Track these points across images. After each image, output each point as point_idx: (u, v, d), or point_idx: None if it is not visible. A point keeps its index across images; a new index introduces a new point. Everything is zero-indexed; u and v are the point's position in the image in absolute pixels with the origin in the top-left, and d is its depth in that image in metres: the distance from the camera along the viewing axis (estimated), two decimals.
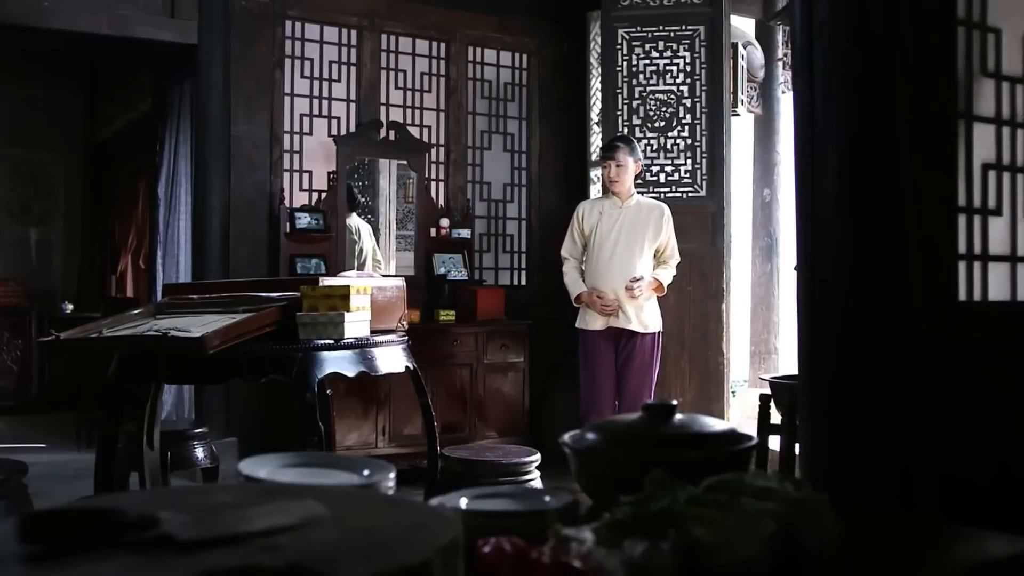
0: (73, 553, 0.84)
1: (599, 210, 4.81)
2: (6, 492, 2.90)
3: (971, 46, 2.03)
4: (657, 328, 4.72)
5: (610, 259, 4.69)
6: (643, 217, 4.75)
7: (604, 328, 4.66)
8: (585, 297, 4.70)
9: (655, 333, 4.71)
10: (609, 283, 4.65)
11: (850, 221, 1.98)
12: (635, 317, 4.63)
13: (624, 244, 4.70)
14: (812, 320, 2.07)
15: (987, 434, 1.95)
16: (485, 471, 3.40)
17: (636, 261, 4.68)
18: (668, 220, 4.79)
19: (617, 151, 4.73)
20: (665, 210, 4.81)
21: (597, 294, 4.65)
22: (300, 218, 5.55)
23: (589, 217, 4.81)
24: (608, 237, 4.72)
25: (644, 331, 4.65)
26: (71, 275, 9.30)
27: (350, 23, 5.92)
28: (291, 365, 2.91)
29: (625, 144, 4.79)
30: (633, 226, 4.73)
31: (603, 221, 4.75)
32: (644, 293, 4.62)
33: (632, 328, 4.63)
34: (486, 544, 0.97)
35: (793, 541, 1.06)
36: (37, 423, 7.26)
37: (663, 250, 4.79)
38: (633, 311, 4.63)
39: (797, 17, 2.10)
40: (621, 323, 4.63)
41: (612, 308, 4.62)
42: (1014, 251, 2.11)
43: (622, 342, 4.68)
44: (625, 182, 4.75)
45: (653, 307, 4.74)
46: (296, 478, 1.24)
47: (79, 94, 9.26)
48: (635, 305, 4.63)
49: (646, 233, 4.73)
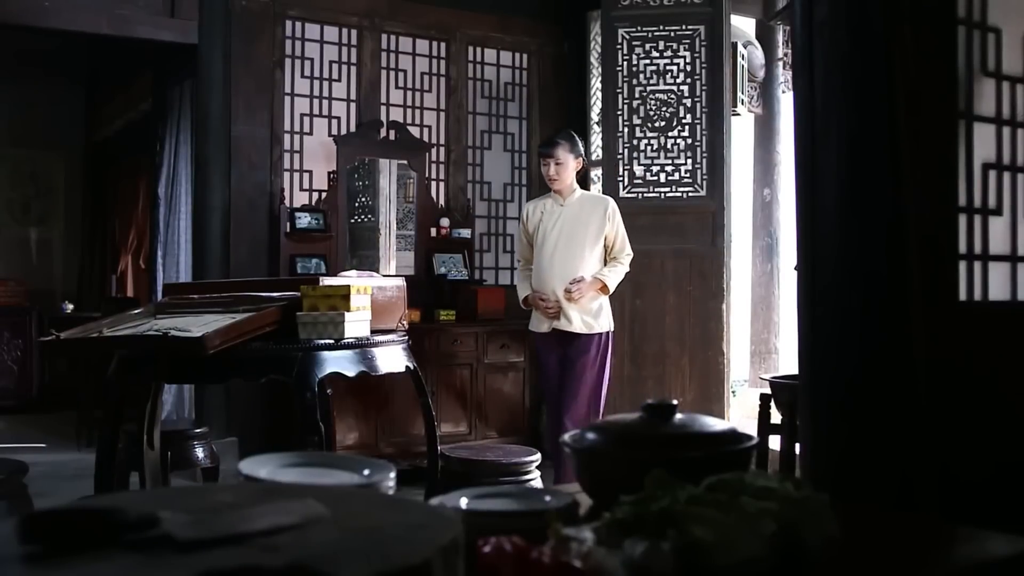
0: (73, 553, 0.84)
1: (541, 209, 4.61)
2: (6, 492, 2.90)
3: (971, 46, 2.03)
4: (605, 329, 4.48)
5: (551, 259, 4.48)
6: (585, 214, 4.53)
7: (550, 331, 4.46)
8: (530, 299, 4.54)
9: (602, 334, 4.47)
10: (549, 284, 4.45)
11: (850, 221, 1.98)
12: (578, 319, 4.41)
13: (564, 243, 4.49)
14: (812, 320, 2.07)
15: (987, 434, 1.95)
16: (485, 471, 3.40)
17: (578, 260, 4.46)
18: (613, 214, 4.54)
19: (556, 148, 4.51)
20: (609, 204, 4.58)
21: (540, 296, 4.47)
22: (300, 218, 5.56)
23: (532, 217, 4.62)
24: (548, 237, 4.51)
25: (589, 332, 4.42)
26: (71, 275, 9.30)
27: (350, 23, 5.92)
28: (291, 365, 2.91)
29: (565, 140, 4.56)
30: (574, 224, 4.51)
31: (544, 220, 4.55)
32: (584, 294, 4.40)
33: (573, 330, 4.41)
34: (486, 544, 0.97)
35: (793, 541, 1.06)
36: (37, 423, 7.26)
37: (611, 245, 4.56)
38: (576, 313, 4.41)
39: (797, 17, 2.10)
40: (563, 325, 4.42)
41: (554, 310, 4.42)
42: (1014, 251, 2.11)
43: (569, 345, 4.46)
44: (565, 179, 4.53)
45: (600, 307, 4.49)
46: (296, 478, 1.24)
47: (79, 94, 9.26)
48: (578, 306, 4.41)
49: (588, 230, 4.50)
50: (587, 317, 4.43)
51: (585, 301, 4.41)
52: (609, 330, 4.51)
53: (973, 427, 1.94)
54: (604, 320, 4.50)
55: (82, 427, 6.38)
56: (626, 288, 5.46)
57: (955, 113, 2.00)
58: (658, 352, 5.43)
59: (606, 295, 4.50)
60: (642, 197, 5.53)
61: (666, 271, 5.45)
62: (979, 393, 1.96)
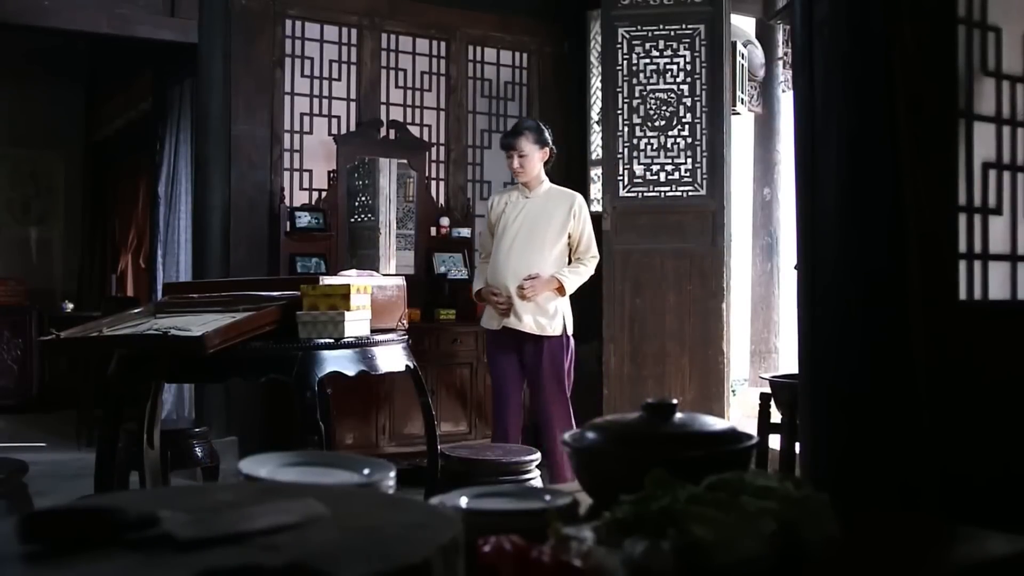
0: (73, 552, 0.84)
1: (506, 200, 4.41)
2: (6, 491, 2.90)
3: (971, 45, 2.03)
4: (558, 332, 4.21)
5: (507, 253, 4.25)
6: (549, 208, 4.31)
7: (500, 328, 4.23)
8: (483, 293, 4.32)
9: (557, 338, 4.21)
10: (502, 279, 4.22)
11: (850, 220, 1.98)
12: (530, 319, 4.17)
13: (523, 238, 4.26)
14: (812, 319, 2.07)
15: (987, 433, 1.95)
16: (485, 470, 3.39)
17: (535, 256, 4.23)
18: (580, 211, 4.33)
19: (519, 139, 4.31)
20: (576, 200, 4.36)
21: (493, 291, 4.25)
22: (300, 217, 5.56)
23: (496, 208, 4.42)
24: (508, 230, 4.29)
25: (540, 334, 4.18)
26: (71, 274, 9.30)
27: (350, 22, 5.92)
28: (291, 364, 2.91)
29: (529, 131, 4.35)
30: (536, 218, 4.29)
31: (507, 213, 4.34)
32: (538, 292, 4.16)
33: (523, 330, 4.18)
34: (486, 543, 0.98)
35: (793, 540, 1.06)
36: (37, 422, 7.26)
37: (576, 245, 4.33)
38: (528, 312, 4.17)
39: (797, 16, 2.10)
40: (513, 323, 4.18)
41: (505, 306, 4.19)
42: (1014, 250, 2.11)
43: (525, 346, 4.23)
44: (531, 171, 4.33)
45: (556, 309, 4.23)
46: (296, 477, 1.24)
47: (79, 93, 9.26)
48: (531, 306, 4.18)
49: (550, 226, 4.28)
50: (540, 318, 4.19)
51: (540, 300, 4.19)
52: (565, 334, 4.26)
53: (973, 427, 1.94)
54: (559, 323, 4.23)
55: (82, 426, 6.39)
56: (626, 287, 5.47)
57: (955, 112, 2.00)
58: (658, 351, 5.43)
59: (563, 296, 4.26)
60: (642, 196, 5.52)
61: (666, 270, 5.45)
62: (979, 392, 1.96)
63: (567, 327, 4.26)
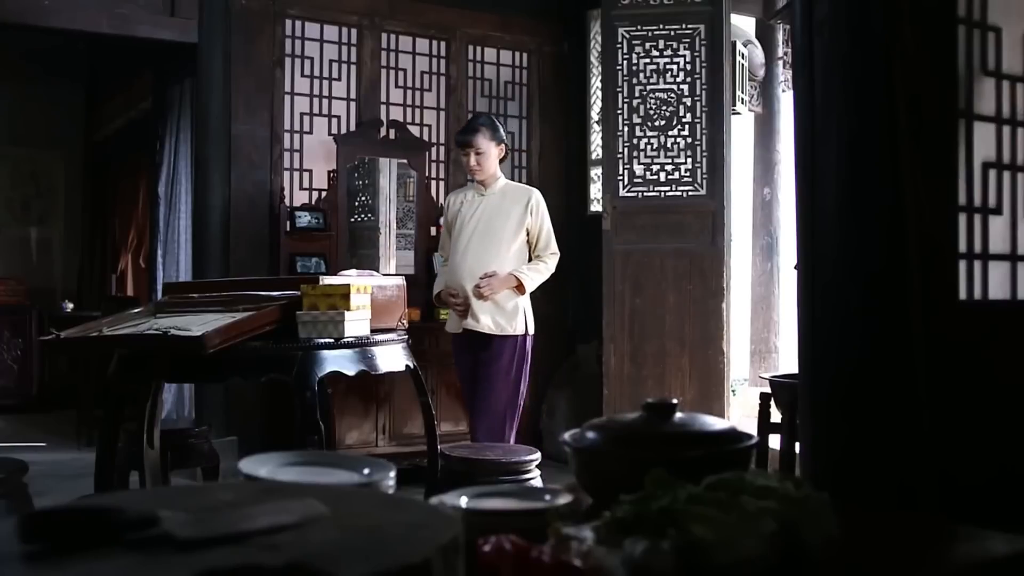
0: (73, 552, 0.84)
1: (462, 199, 4.28)
2: (6, 491, 2.90)
3: (971, 45, 2.03)
4: (519, 332, 4.08)
5: (463, 253, 4.12)
6: (506, 205, 4.17)
7: (461, 331, 4.10)
8: (442, 295, 4.21)
9: (517, 338, 4.07)
10: (459, 279, 4.09)
11: (850, 220, 1.98)
12: (488, 318, 4.03)
13: (479, 236, 4.12)
14: (812, 319, 2.07)
15: (988, 433, 1.95)
16: (485, 470, 3.39)
17: (492, 255, 4.09)
18: (537, 207, 4.18)
19: (475, 136, 4.15)
20: (534, 195, 4.22)
21: (450, 291, 4.12)
22: (300, 217, 5.56)
23: (452, 207, 4.29)
24: (465, 229, 4.16)
25: (501, 334, 4.04)
26: (71, 274, 9.30)
27: (350, 22, 5.92)
28: (291, 364, 2.91)
29: (484, 127, 4.19)
30: (492, 216, 4.15)
31: (463, 211, 4.21)
32: (496, 291, 4.02)
33: (482, 330, 4.03)
34: (486, 543, 0.98)
35: (793, 540, 1.06)
36: (37, 422, 7.26)
37: (535, 242, 4.19)
38: (486, 312, 4.03)
39: (797, 16, 2.10)
40: (471, 324, 4.04)
41: (462, 307, 4.06)
42: (1014, 250, 2.11)
43: (481, 348, 4.09)
44: (488, 169, 4.18)
45: (517, 308, 4.09)
46: (296, 477, 1.24)
47: (79, 93, 9.26)
48: (489, 305, 4.04)
49: (507, 223, 4.13)
50: (499, 317, 4.05)
51: (499, 299, 4.05)
52: (526, 333, 4.12)
53: (973, 426, 1.94)
54: (519, 322, 4.10)
55: (82, 426, 6.39)
56: (626, 287, 5.47)
57: (955, 112, 2.00)
58: (658, 351, 5.43)
59: (523, 295, 4.12)
60: (642, 196, 5.52)
61: (666, 270, 5.45)
62: (979, 392, 1.96)
63: (528, 326, 4.14)
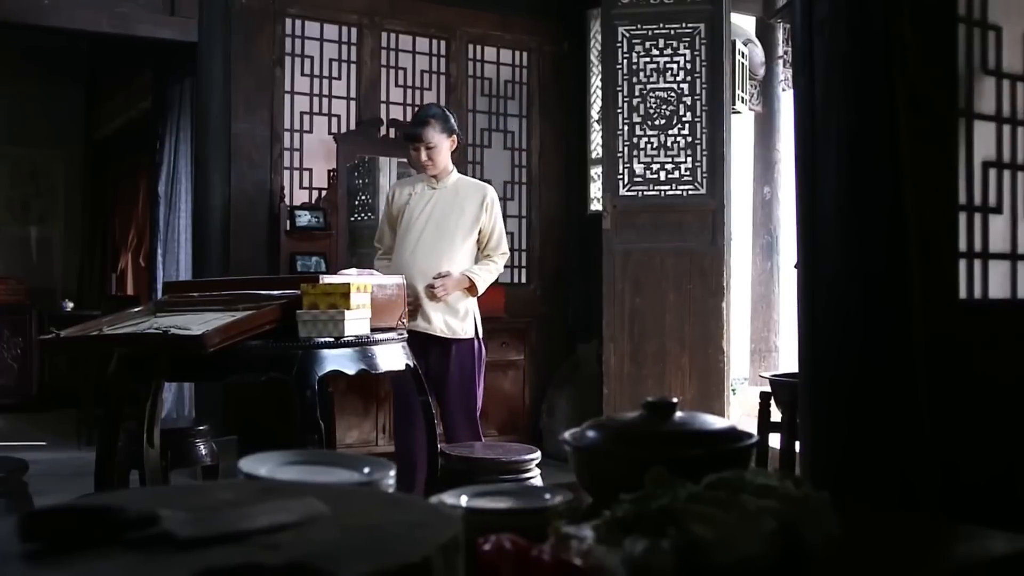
0: (73, 551, 0.84)
1: (410, 191, 4.00)
2: (6, 490, 2.90)
3: (972, 43, 2.03)
4: (469, 335, 3.91)
5: (413, 250, 3.89)
6: (460, 201, 3.95)
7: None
8: None
9: (467, 341, 3.90)
10: (408, 278, 3.71)
11: (850, 219, 1.98)
12: (439, 319, 3.85)
13: (432, 232, 3.90)
14: (812, 318, 2.07)
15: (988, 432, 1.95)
16: (485, 469, 3.39)
17: (444, 253, 3.88)
18: (492, 204, 3.98)
19: (426, 129, 3.89)
20: (488, 192, 4.01)
21: None
22: (300, 216, 5.56)
23: (399, 199, 4.01)
24: (414, 224, 3.91)
25: (452, 337, 3.85)
26: (71, 273, 9.30)
27: (350, 21, 5.92)
28: (291, 363, 2.91)
29: (435, 119, 3.94)
30: (446, 211, 3.92)
31: (412, 204, 3.95)
32: (450, 292, 3.84)
33: (435, 333, 3.85)
34: (486, 542, 0.98)
35: (793, 539, 1.06)
36: (37, 421, 7.26)
37: (486, 241, 3.99)
38: (438, 313, 3.85)
39: (797, 15, 2.10)
40: (420, 326, 3.80)
41: (411, 307, 3.72)
42: (1014, 249, 2.11)
43: (432, 350, 3.88)
44: (440, 163, 3.95)
45: (467, 310, 3.92)
46: (296, 476, 1.24)
47: (79, 92, 9.26)
48: (441, 306, 3.86)
49: (460, 220, 3.92)
50: (450, 319, 3.88)
51: (450, 300, 3.87)
52: (476, 337, 3.95)
53: (973, 425, 1.94)
54: (469, 325, 3.93)
55: (82, 425, 6.39)
56: (626, 286, 5.47)
57: (955, 111, 2.00)
58: (658, 350, 5.43)
59: (474, 296, 3.95)
60: (642, 195, 5.53)
61: (666, 269, 5.45)
62: (979, 391, 1.96)
63: (478, 329, 3.98)
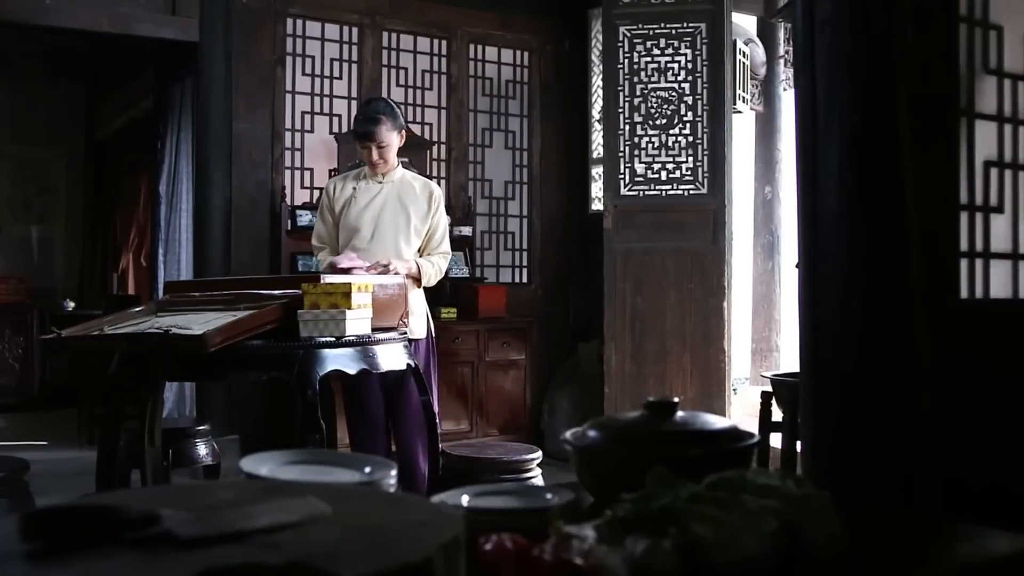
0: (74, 550, 0.84)
1: (353, 186, 3.83)
2: (8, 490, 2.91)
3: (973, 43, 2.03)
4: (423, 332, 3.77)
5: (366, 247, 3.73)
6: (408, 198, 3.78)
7: None
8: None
9: (423, 340, 3.77)
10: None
11: (852, 218, 1.98)
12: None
13: (384, 229, 3.75)
14: (814, 317, 2.07)
15: (989, 432, 1.95)
16: (486, 468, 3.40)
17: (394, 250, 3.74)
18: (438, 203, 3.83)
19: (378, 128, 3.70)
20: (436, 190, 3.86)
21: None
22: (301, 215, 5.56)
23: (341, 194, 3.83)
24: (361, 220, 3.75)
25: (412, 337, 3.59)
26: (72, 272, 9.30)
27: (351, 20, 5.92)
28: (292, 362, 2.91)
29: (386, 116, 3.74)
30: (396, 207, 3.77)
31: (357, 200, 3.78)
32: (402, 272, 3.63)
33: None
34: (488, 541, 0.98)
35: (795, 539, 1.06)
36: (38, 420, 7.25)
37: (430, 239, 3.83)
38: None
39: (799, 14, 2.10)
40: None
41: None
42: (1016, 248, 2.11)
43: None
44: (392, 161, 3.80)
45: (420, 309, 3.78)
46: (297, 476, 1.24)
47: (80, 92, 9.26)
48: None
49: (411, 216, 3.77)
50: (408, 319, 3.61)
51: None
52: (429, 335, 3.83)
53: (974, 425, 1.94)
54: (422, 323, 3.79)
55: (83, 425, 6.38)
56: (627, 286, 5.47)
57: (956, 111, 2.00)
58: (659, 350, 5.43)
59: (419, 288, 3.77)
60: (643, 195, 5.52)
61: (667, 269, 5.44)
62: (980, 391, 1.96)
63: (430, 327, 3.87)
